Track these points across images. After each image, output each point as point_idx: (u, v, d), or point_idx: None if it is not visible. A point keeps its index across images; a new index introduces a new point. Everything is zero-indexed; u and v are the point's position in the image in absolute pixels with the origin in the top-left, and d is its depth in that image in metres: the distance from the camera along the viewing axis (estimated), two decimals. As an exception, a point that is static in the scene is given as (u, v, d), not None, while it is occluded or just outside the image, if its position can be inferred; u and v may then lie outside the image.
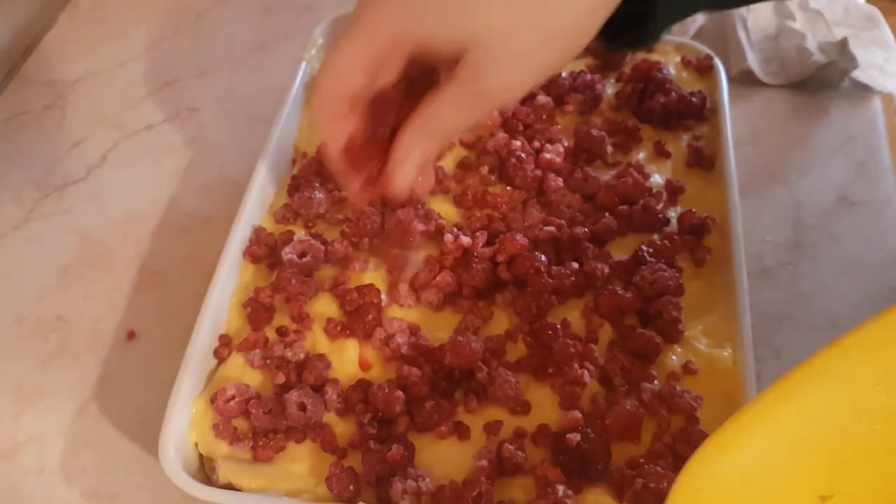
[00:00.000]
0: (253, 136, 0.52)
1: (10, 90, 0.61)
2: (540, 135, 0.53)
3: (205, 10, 0.68)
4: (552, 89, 0.55)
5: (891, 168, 0.58)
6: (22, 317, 0.49)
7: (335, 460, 0.39)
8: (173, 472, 0.38)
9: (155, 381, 0.42)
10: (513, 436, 0.40)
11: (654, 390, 0.41)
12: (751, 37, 0.63)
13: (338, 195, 0.49)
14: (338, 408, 0.41)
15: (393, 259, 0.46)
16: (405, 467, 0.38)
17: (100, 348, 0.47)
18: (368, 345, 0.43)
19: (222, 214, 0.49)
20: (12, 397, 0.45)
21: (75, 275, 0.51)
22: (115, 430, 0.44)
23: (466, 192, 0.50)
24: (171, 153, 0.57)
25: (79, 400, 0.45)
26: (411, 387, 0.40)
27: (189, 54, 0.64)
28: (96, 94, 0.61)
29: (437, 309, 0.45)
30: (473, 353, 0.41)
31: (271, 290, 0.45)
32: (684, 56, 0.59)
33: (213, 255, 0.46)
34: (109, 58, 0.64)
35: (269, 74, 0.63)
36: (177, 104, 0.61)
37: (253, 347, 0.43)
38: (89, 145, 0.58)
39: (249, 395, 0.41)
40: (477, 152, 0.52)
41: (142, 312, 0.49)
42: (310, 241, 0.46)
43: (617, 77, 0.58)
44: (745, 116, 0.60)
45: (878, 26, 0.67)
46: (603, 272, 0.45)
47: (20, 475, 0.42)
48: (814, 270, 0.51)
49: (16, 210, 0.54)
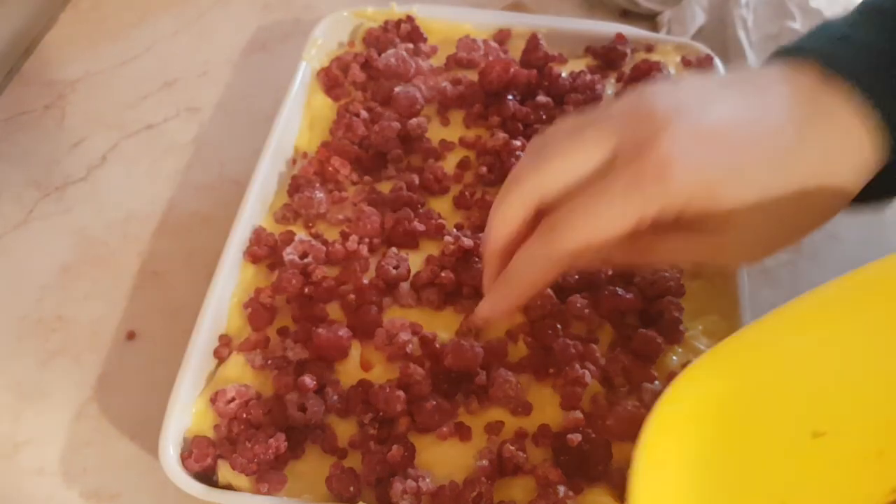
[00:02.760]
0: (253, 136, 0.52)
1: (9, 90, 0.61)
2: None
3: (205, 10, 0.68)
4: (552, 89, 0.55)
5: (891, 168, 0.58)
6: (22, 316, 0.49)
7: (335, 461, 0.39)
8: (173, 472, 0.38)
9: (155, 381, 0.42)
10: (514, 436, 0.40)
11: (655, 390, 0.41)
12: (751, 37, 0.63)
13: (338, 195, 0.49)
14: (338, 408, 0.41)
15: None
16: (405, 467, 0.38)
17: (100, 348, 0.47)
18: (369, 345, 0.43)
19: (222, 214, 0.49)
20: (12, 397, 0.45)
21: (75, 275, 0.51)
22: (115, 430, 0.44)
23: (466, 192, 0.50)
24: (171, 153, 0.57)
25: (79, 400, 0.45)
26: (413, 385, 0.40)
27: (189, 54, 0.64)
28: (96, 94, 0.61)
29: (437, 308, 0.45)
30: (475, 357, 0.41)
31: (272, 291, 0.45)
32: (684, 56, 0.58)
33: (214, 255, 0.46)
34: (110, 58, 0.64)
35: (269, 74, 0.63)
36: (177, 104, 0.61)
37: (253, 348, 0.43)
38: (89, 145, 0.58)
39: (249, 397, 0.41)
40: (477, 152, 0.52)
41: (142, 312, 0.49)
42: (310, 242, 0.46)
43: (617, 77, 0.58)
44: (746, 116, 0.60)
45: (879, 26, 0.67)
46: (606, 273, 0.45)
47: (20, 475, 0.42)
48: (814, 270, 0.51)
49: (16, 210, 0.54)
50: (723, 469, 0.29)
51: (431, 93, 0.54)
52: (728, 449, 0.29)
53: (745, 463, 0.29)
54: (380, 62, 0.55)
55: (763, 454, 0.29)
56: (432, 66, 0.57)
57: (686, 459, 0.29)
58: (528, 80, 0.54)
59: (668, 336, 0.43)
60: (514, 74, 0.53)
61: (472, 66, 0.57)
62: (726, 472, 0.29)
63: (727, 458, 0.29)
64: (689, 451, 0.29)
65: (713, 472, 0.29)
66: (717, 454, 0.29)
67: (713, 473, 0.29)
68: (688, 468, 0.29)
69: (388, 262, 0.45)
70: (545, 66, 0.56)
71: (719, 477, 0.29)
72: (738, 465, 0.29)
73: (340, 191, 0.50)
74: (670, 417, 0.29)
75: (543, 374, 0.42)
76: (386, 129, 0.51)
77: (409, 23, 0.59)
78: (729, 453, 0.29)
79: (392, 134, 0.51)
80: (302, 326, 0.43)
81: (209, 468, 0.39)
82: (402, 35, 0.58)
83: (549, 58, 0.57)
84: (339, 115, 0.53)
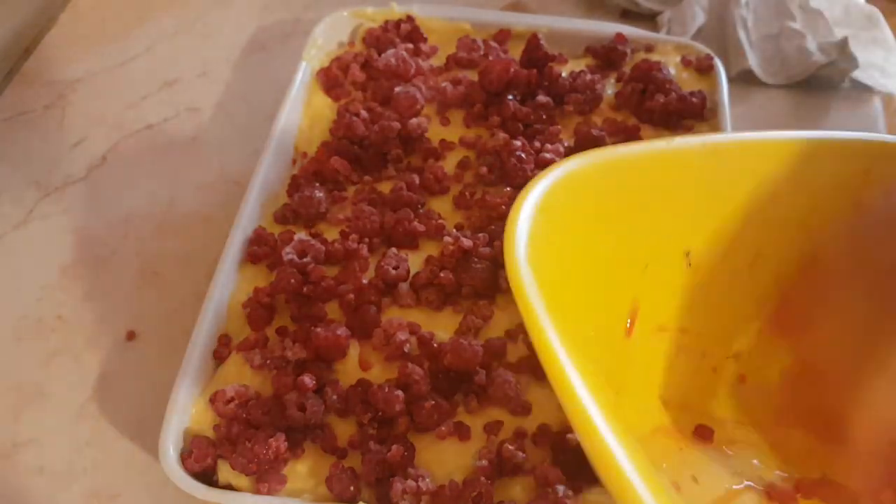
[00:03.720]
0: (253, 136, 0.52)
1: (10, 90, 0.61)
2: (540, 135, 0.53)
3: (205, 11, 0.68)
4: (552, 89, 0.55)
5: (891, 168, 0.58)
6: (22, 316, 0.49)
7: (335, 461, 0.39)
8: (173, 472, 0.38)
9: (155, 381, 0.42)
10: (513, 436, 0.40)
11: (654, 390, 0.41)
12: (751, 37, 0.64)
13: (337, 195, 0.49)
14: (338, 408, 0.41)
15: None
16: (405, 467, 0.38)
17: (100, 348, 0.47)
18: (368, 344, 0.43)
19: (222, 214, 0.49)
20: (12, 397, 0.45)
21: (75, 275, 0.51)
22: (114, 430, 0.44)
23: (466, 192, 0.50)
24: (171, 153, 0.57)
25: (78, 400, 0.45)
26: (412, 385, 0.40)
27: (189, 54, 0.64)
28: (96, 94, 0.61)
29: (437, 309, 0.45)
30: (474, 356, 0.41)
31: (271, 290, 0.45)
32: (684, 56, 0.59)
33: (213, 255, 0.46)
34: (110, 58, 0.64)
35: (269, 74, 0.63)
36: (177, 104, 0.61)
37: (253, 347, 0.43)
38: (89, 145, 0.58)
39: (249, 397, 0.41)
40: (477, 152, 0.52)
41: (142, 312, 0.49)
42: (310, 242, 0.46)
43: (617, 77, 0.58)
44: (745, 116, 0.60)
45: (878, 26, 0.67)
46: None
47: (19, 475, 0.42)
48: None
49: (16, 210, 0.54)
50: (594, 261, 0.30)
51: (431, 93, 0.54)
52: (602, 240, 0.31)
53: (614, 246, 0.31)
54: (380, 62, 0.55)
55: (631, 256, 0.30)
56: (432, 66, 0.57)
57: (567, 237, 0.30)
58: (528, 80, 0.54)
59: (667, 336, 0.43)
60: (514, 74, 0.53)
61: (472, 66, 0.57)
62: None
63: (600, 249, 0.31)
64: (571, 229, 0.30)
65: (586, 261, 0.30)
66: (593, 242, 0.30)
67: (586, 262, 0.30)
68: (568, 248, 0.30)
69: (387, 262, 0.45)
70: (545, 66, 0.56)
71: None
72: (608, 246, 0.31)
73: (340, 191, 0.50)
74: (558, 191, 0.30)
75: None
76: (386, 129, 0.51)
77: (409, 23, 0.59)
78: (602, 244, 0.30)
79: (392, 134, 0.51)
80: (301, 326, 0.43)
81: (209, 468, 0.39)
82: (402, 35, 0.58)
83: (549, 58, 0.57)
84: (339, 115, 0.53)
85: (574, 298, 0.29)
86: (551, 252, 0.28)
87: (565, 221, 0.30)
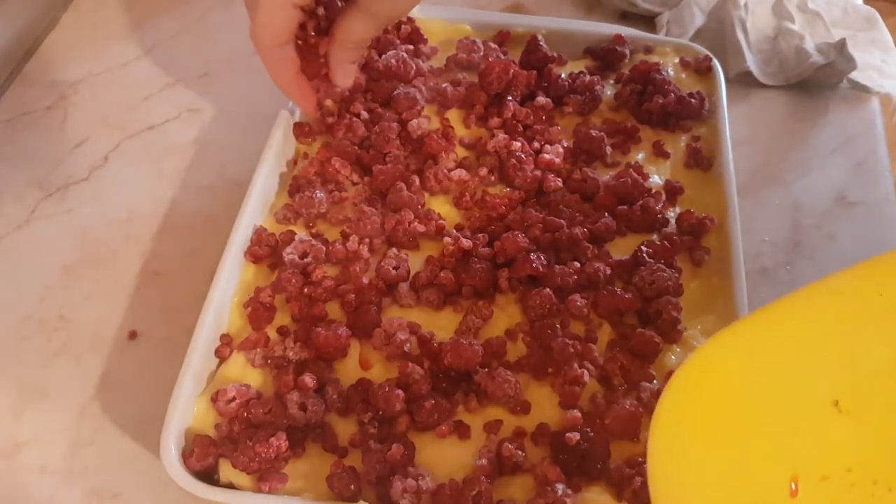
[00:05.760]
0: (254, 137, 0.52)
1: (12, 91, 0.61)
2: (539, 136, 0.53)
3: (206, 11, 0.68)
4: (551, 90, 0.55)
5: (889, 168, 0.58)
6: (24, 316, 0.49)
7: (336, 460, 0.39)
8: (175, 471, 0.38)
9: (156, 381, 0.43)
10: (512, 435, 0.40)
11: (653, 389, 0.41)
12: (749, 38, 0.64)
13: (338, 195, 0.49)
14: (338, 407, 0.41)
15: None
16: (405, 466, 0.38)
17: (101, 348, 0.47)
18: (369, 344, 0.43)
19: (223, 214, 0.49)
20: (14, 396, 0.45)
21: (77, 275, 0.51)
22: (116, 430, 0.44)
23: (466, 192, 0.50)
24: (172, 154, 0.58)
25: (80, 399, 0.45)
26: (412, 385, 0.41)
27: (190, 55, 0.65)
28: (98, 94, 0.62)
29: (437, 308, 0.45)
30: (474, 356, 0.41)
31: (272, 290, 0.45)
32: (683, 57, 0.59)
33: (215, 255, 0.46)
34: (111, 59, 0.64)
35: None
36: (178, 105, 0.61)
37: (254, 347, 0.43)
38: (91, 146, 0.58)
39: (250, 396, 0.41)
40: (477, 153, 0.53)
41: (143, 312, 0.49)
42: (311, 242, 0.46)
43: (616, 78, 0.58)
44: (744, 117, 0.60)
45: (877, 27, 0.67)
46: (605, 273, 0.45)
47: (21, 474, 0.42)
48: (812, 270, 0.52)
49: (18, 210, 0.54)
50: (737, 445, 0.30)
51: (431, 94, 0.55)
52: (743, 424, 0.30)
53: (760, 436, 0.30)
54: (380, 63, 0.55)
55: (779, 427, 0.30)
56: (432, 68, 0.57)
57: (701, 434, 0.30)
58: (527, 82, 0.54)
59: (666, 335, 0.43)
60: (513, 76, 0.54)
61: (472, 68, 0.57)
62: (740, 448, 0.30)
63: (742, 433, 0.30)
64: (705, 426, 0.30)
65: (728, 447, 0.30)
66: (732, 429, 0.30)
67: (728, 449, 0.30)
68: (703, 443, 0.29)
69: (388, 262, 0.46)
70: (545, 68, 0.56)
71: (734, 452, 0.30)
72: (753, 440, 0.30)
73: (341, 191, 0.50)
74: (686, 392, 0.30)
75: (542, 374, 0.42)
76: (386, 130, 0.51)
77: (409, 24, 0.59)
78: (744, 428, 0.30)
79: (392, 134, 0.51)
80: (301, 326, 0.44)
81: (210, 467, 0.40)
82: (402, 36, 0.58)
83: (548, 59, 0.57)
84: (340, 116, 0.53)
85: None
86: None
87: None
